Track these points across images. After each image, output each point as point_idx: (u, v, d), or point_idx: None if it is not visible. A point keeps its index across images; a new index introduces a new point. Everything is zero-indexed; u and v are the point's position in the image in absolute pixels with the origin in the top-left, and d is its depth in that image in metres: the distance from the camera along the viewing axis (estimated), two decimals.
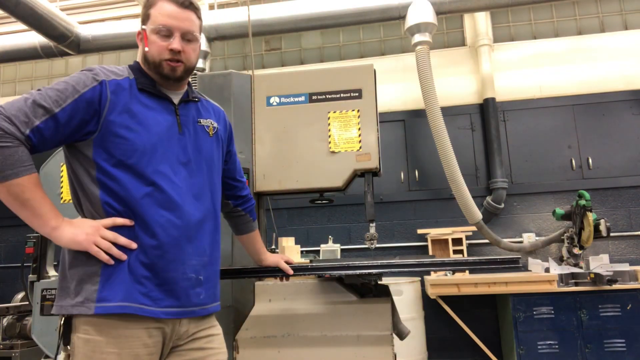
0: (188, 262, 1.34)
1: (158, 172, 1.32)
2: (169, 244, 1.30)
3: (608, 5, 5.12)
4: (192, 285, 1.35)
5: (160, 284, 1.28)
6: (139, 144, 1.30)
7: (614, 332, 3.66)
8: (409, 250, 4.87)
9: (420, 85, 4.24)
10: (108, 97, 1.30)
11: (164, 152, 1.34)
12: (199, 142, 1.46)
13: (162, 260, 1.29)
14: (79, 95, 1.26)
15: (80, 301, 1.22)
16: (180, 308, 1.31)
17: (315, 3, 4.39)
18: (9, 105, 1.20)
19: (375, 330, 1.95)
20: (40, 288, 2.96)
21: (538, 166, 4.82)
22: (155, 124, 1.35)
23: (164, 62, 1.37)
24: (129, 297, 1.23)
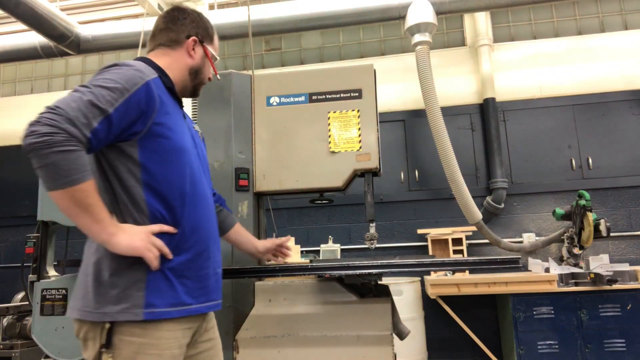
0: (214, 257, 1.43)
1: (192, 172, 1.38)
2: (205, 241, 1.39)
3: (608, 5, 5.13)
4: (217, 280, 1.46)
5: (198, 281, 1.36)
6: (178, 144, 1.34)
7: (614, 332, 3.66)
8: (409, 250, 4.87)
9: (420, 85, 4.24)
10: (155, 98, 1.30)
11: (191, 153, 1.40)
12: (200, 145, 1.54)
13: (200, 259, 1.36)
14: (129, 95, 1.24)
15: (126, 307, 1.22)
16: (211, 302, 1.41)
17: (315, 3, 4.39)
18: (66, 105, 1.15)
19: (375, 330, 1.95)
20: (40, 288, 2.96)
21: (538, 166, 4.82)
22: (180, 125, 1.40)
23: (199, 85, 1.53)
24: (173, 301, 1.28)
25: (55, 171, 1.11)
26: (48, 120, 1.11)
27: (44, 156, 1.09)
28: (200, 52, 1.49)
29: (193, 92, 1.54)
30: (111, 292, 1.23)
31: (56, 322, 2.90)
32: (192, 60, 1.48)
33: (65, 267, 3.05)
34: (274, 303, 2.05)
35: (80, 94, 1.18)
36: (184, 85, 1.48)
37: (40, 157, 1.09)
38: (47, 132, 1.10)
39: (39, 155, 1.09)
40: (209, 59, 1.51)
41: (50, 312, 2.92)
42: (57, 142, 1.10)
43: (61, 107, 1.14)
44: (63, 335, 2.88)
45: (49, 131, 1.10)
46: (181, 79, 1.47)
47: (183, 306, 1.30)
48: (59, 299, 2.93)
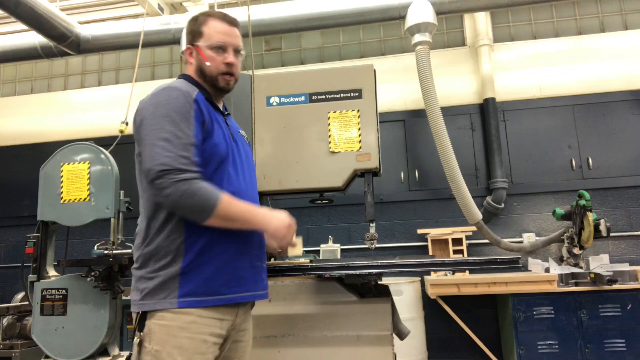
0: (251, 251, 1.51)
1: (231, 178, 1.48)
2: (240, 235, 1.47)
3: (608, 5, 5.12)
4: (255, 273, 1.53)
5: (231, 273, 1.44)
6: (223, 152, 1.46)
7: (614, 332, 3.66)
8: (409, 250, 4.87)
9: (420, 85, 4.24)
10: (202, 111, 1.43)
11: (231, 159, 1.50)
12: (246, 150, 1.64)
13: (234, 252, 1.45)
14: (193, 119, 1.39)
15: (163, 297, 1.35)
16: (247, 293, 1.48)
17: (315, 3, 4.39)
18: (164, 159, 1.32)
19: (375, 330, 1.95)
20: (40, 288, 2.96)
21: (538, 166, 4.82)
22: (222, 133, 1.50)
23: (220, 75, 1.53)
24: (206, 289, 1.37)
25: (197, 209, 1.33)
26: (168, 183, 1.31)
27: (185, 204, 1.32)
28: (195, 54, 1.55)
29: (216, 89, 1.57)
30: (150, 283, 1.37)
31: (56, 322, 2.90)
32: (192, 65, 1.56)
33: (65, 267, 3.05)
34: (274, 303, 2.05)
35: (163, 142, 1.34)
36: (212, 85, 1.56)
37: (184, 206, 1.33)
38: (175, 189, 1.30)
39: (182, 206, 1.33)
40: (201, 52, 1.53)
41: (50, 312, 2.92)
42: (187, 191, 1.31)
43: (164, 164, 1.32)
44: (63, 335, 2.88)
45: (176, 187, 1.30)
46: (204, 82, 1.56)
47: (216, 295, 1.39)
48: (59, 299, 2.92)
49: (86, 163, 3.01)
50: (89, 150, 3.05)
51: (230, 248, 1.44)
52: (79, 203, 2.94)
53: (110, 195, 2.96)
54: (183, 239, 1.39)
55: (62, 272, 3.28)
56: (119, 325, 2.98)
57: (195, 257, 1.38)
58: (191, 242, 1.39)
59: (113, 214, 2.97)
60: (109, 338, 2.89)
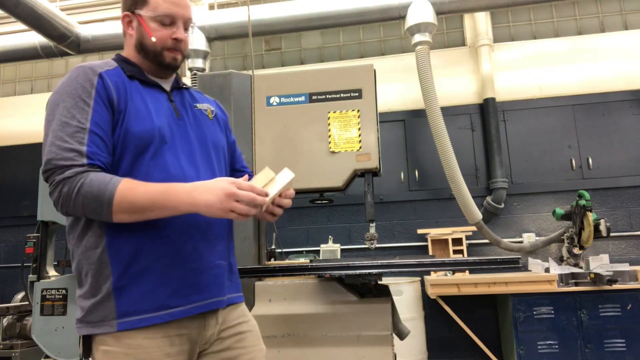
0: (208, 249, 1.26)
1: (167, 165, 1.22)
2: (187, 231, 1.22)
3: (608, 5, 5.12)
4: (218, 274, 1.27)
5: (185, 279, 1.20)
6: (150, 135, 1.20)
7: (614, 332, 3.66)
8: (409, 250, 4.87)
9: (420, 85, 4.24)
10: (108, 87, 1.20)
11: (169, 143, 1.24)
12: (200, 127, 1.36)
13: (183, 251, 1.20)
14: (92, 99, 1.17)
15: (99, 320, 1.13)
16: (209, 300, 1.23)
17: (315, 3, 4.39)
18: (49, 154, 1.12)
19: (375, 330, 1.95)
20: (40, 288, 2.96)
21: (538, 166, 4.82)
22: (153, 112, 1.25)
23: (166, 51, 1.29)
24: (152, 305, 1.14)
25: (92, 208, 1.10)
26: (51, 187, 1.12)
27: (76, 206, 1.10)
28: (137, 25, 1.30)
29: (159, 66, 1.31)
30: (86, 300, 1.16)
31: (56, 322, 2.91)
32: (131, 37, 1.32)
33: (65, 267, 3.05)
34: (274, 303, 2.05)
35: (50, 132, 1.14)
36: (155, 61, 1.31)
37: (75, 209, 1.11)
38: (57, 192, 1.11)
39: (73, 210, 1.11)
40: (144, 24, 1.28)
41: (50, 312, 2.92)
42: (69, 192, 1.09)
43: (47, 163, 1.12)
44: (63, 335, 2.88)
45: (57, 190, 1.10)
46: (145, 57, 1.31)
47: (164, 310, 1.15)
48: (59, 299, 2.93)
49: None
50: None
51: (172, 247, 1.18)
52: None
53: None
54: (104, 246, 1.15)
55: (62, 272, 3.28)
56: None
57: (127, 267, 1.14)
58: (115, 250, 1.15)
59: None
60: None
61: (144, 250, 1.15)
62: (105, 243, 1.15)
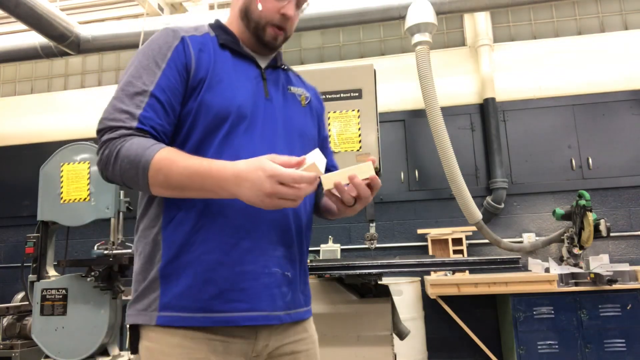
0: (268, 253, 1.07)
1: (241, 146, 1.06)
2: (246, 226, 1.04)
3: (608, 5, 5.12)
4: (278, 285, 1.08)
5: (232, 282, 1.03)
6: (229, 111, 1.06)
7: (614, 332, 3.66)
8: (409, 250, 4.87)
9: (420, 85, 4.24)
10: (189, 52, 1.08)
11: (249, 122, 1.09)
12: (289, 111, 1.20)
13: (237, 250, 1.03)
14: (165, 62, 1.05)
15: (143, 308, 1.03)
16: (258, 312, 1.04)
17: (315, 3, 4.39)
18: (102, 115, 1.04)
19: (375, 330, 1.95)
20: (40, 288, 2.96)
21: (538, 166, 4.82)
22: (240, 88, 1.11)
23: (269, 27, 1.14)
24: (194, 304, 1.00)
25: (130, 175, 0.97)
26: (98, 149, 1.03)
27: (115, 172, 0.99)
28: None
29: (258, 40, 1.17)
30: (137, 287, 1.06)
31: (56, 322, 2.91)
32: (237, 4, 1.18)
33: (65, 267, 3.05)
34: None
35: (113, 96, 1.06)
36: (254, 34, 1.16)
37: (114, 174, 1.00)
38: (100, 154, 1.01)
39: (112, 175, 1.01)
40: None
41: (50, 312, 2.92)
42: (110, 154, 0.99)
43: (100, 123, 1.03)
44: (63, 335, 2.88)
45: (100, 151, 1.01)
46: (240, 30, 1.18)
47: (205, 312, 1.00)
48: (59, 299, 2.93)
49: (86, 163, 3.01)
50: (89, 150, 3.05)
51: (226, 241, 1.02)
52: (79, 203, 2.94)
53: (110, 195, 2.97)
54: (160, 225, 1.03)
55: (62, 272, 3.28)
56: (119, 325, 2.99)
57: (178, 254, 1.02)
58: (171, 230, 1.03)
59: (113, 214, 2.98)
60: (108, 338, 2.89)
61: (197, 238, 1.01)
62: (161, 223, 1.03)
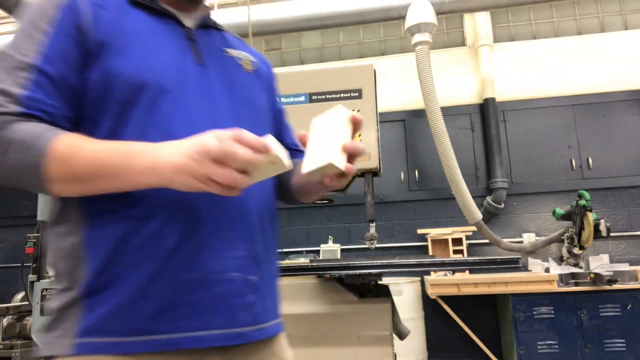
0: (225, 253, 0.83)
1: (172, 123, 0.81)
2: (194, 222, 0.80)
3: (608, 5, 5.12)
4: (241, 294, 0.84)
5: (181, 294, 0.78)
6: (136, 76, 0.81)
7: (614, 332, 3.66)
8: (409, 250, 4.87)
9: (420, 85, 4.25)
10: (87, 13, 0.82)
11: (176, 92, 0.84)
12: (231, 78, 0.94)
13: (183, 252, 0.79)
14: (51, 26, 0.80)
15: (59, 335, 0.78)
16: (217, 330, 0.80)
17: (315, 3, 4.39)
18: None
19: (375, 330, 1.95)
20: (40, 288, 2.96)
21: (538, 166, 4.82)
22: (160, 49, 0.86)
23: None
24: (127, 323, 0.76)
25: (24, 173, 0.74)
26: None
27: (5, 170, 0.74)
28: None
29: None
30: (52, 312, 0.83)
31: None
32: None
33: None
34: None
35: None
36: None
37: (5, 175, 0.75)
38: None
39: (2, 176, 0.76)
40: None
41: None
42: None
43: None
44: None
45: None
46: None
47: (145, 335, 0.75)
48: None
49: None
50: None
51: (162, 245, 0.77)
52: None
53: None
54: (80, 233, 0.78)
55: None
56: None
57: (104, 264, 0.76)
58: (94, 237, 0.77)
59: None
60: None
61: (128, 244, 0.77)
62: (81, 230, 0.79)
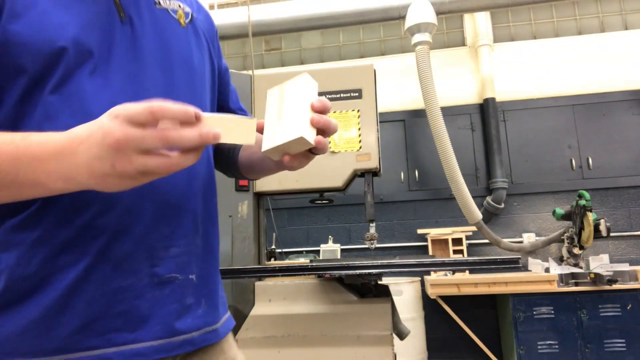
0: (158, 252, 0.71)
1: (92, 98, 0.67)
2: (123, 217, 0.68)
3: (608, 5, 5.12)
4: (176, 296, 0.73)
5: (105, 304, 0.66)
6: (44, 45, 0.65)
7: (614, 332, 3.66)
8: (409, 250, 4.87)
9: (420, 85, 4.25)
10: None
11: (94, 60, 0.68)
12: (164, 36, 0.79)
13: (103, 261, 0.67)
14: None
15: None
16: (137, 344, 0.68)
17: (315, 3, 4.39)
18: None
19: (375, 330, 1.95)
20: None
21: (538, 166, 4.82)
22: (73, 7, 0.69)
23: None
24: (39, 344, 0.63)
25: None
26: None
27: None
28: None
29: None
30: None
31: None
32: None
33: None
34: (274, 303, 2.05)
35: None
36: None
37: None
38: None
39: None
40: None
41: None
42: None
43: None
44: None
45: None
46: None
47: (65, 354, 0.63)
48: None
49: None
50: None
51: (85, 245, 0.66)
52: None
53: None
54: None
55: None
56: None
57: (14, 275, 0.64)
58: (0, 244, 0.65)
59: None
60: None
61: (41, 251, 0.64)
62: None
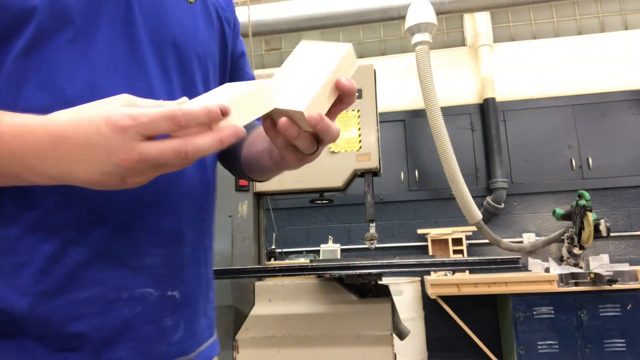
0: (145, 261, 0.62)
1: (64, 73, 0.57)
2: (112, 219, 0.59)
3: (608, 5, 5.12)
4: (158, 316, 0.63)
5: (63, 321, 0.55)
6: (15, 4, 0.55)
7: (614, 332, 3.66)
8: (409, 250, 4.87)
9: (420, 85, 4.24)
10: None
11: (74, 26, 0.59)
12: (164, 8, 0.68)
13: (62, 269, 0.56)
14: None
15: None
16: None
17: (315, 3, 4.39)
18: None
19: (375, 330, 1.95)
20: None
21: (538, 166, 4.82)
22: None
23: None
24: None
25: None
26: None
27: None
28: None
29: None
30: None
31: None
32: None
33: None
34: (274, 303, 2.05)
35: None
36: None
37: None
38: None
39: None
40: None
41: None
42: None
43: None
44: None
45: None
46: None
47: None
48: None
49: None
50: None
51: (43, 249, 0.55)
52: None
53: None
54: None
55: None
56: None
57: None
58: None
59: None
60: None
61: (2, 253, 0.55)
62: None
